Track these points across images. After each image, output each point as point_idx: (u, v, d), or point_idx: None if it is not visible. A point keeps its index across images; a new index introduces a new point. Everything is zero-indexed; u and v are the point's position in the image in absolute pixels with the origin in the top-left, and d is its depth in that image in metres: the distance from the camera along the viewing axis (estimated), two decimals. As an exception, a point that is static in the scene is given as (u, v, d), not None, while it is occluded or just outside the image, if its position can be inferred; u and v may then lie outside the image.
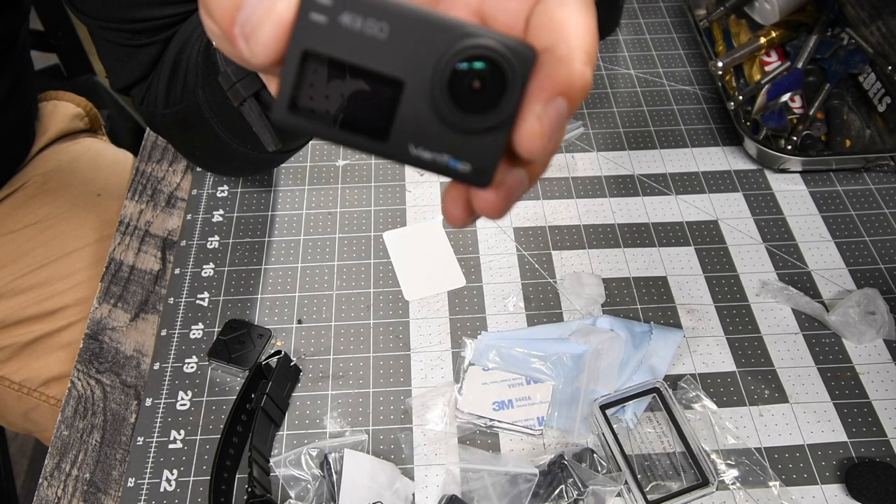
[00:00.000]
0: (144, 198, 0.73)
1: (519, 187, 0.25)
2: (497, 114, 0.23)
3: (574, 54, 0.23)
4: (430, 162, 0.24)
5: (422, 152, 0.24)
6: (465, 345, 0.60)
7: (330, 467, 0.53)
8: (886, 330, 0.60)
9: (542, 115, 0.23)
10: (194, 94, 0.56)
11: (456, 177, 0.24)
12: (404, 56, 0.23)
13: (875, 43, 0.71)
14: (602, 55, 0.85)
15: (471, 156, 0.24)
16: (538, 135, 0.23)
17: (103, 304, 0.65)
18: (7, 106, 0.81)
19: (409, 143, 0.24)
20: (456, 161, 0.24)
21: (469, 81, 0.23)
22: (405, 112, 0.23)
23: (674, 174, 0.73)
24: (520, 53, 0.23)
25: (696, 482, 0.53)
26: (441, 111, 0.23)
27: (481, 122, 0.23)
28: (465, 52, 0.23)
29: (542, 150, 0.23)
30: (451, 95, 0.23)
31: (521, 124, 0.23)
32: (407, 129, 0.24)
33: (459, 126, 0.23)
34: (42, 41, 1.19)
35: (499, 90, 0.23)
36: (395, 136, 0.24)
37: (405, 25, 0.22)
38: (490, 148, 0.24)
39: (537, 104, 0.23)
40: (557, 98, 0.23)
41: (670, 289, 0.64)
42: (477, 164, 0.24)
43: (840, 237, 0.68)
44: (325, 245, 0.68)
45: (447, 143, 0.24)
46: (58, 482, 0.55)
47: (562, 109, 0.23)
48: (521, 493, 0.52)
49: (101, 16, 0.59)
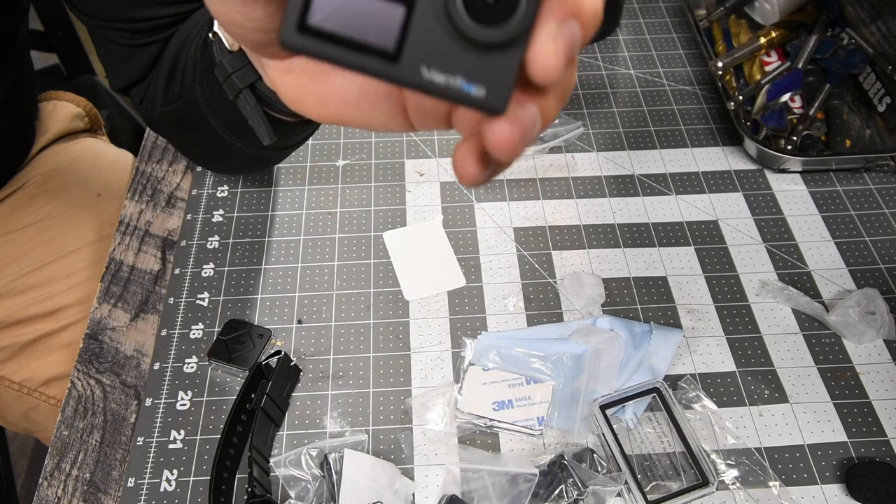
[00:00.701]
0: (144, 198, 0.73)
1: (532, 126, 0.25)
2: (512, 26, 0.23)
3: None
4: (443, 86, 0.23)
5: (435, 75, 0.23)
6: (465, 345, 0.60)
7: (330, 467, 0.53)
8: (886, 330, 0.60)
9: (557, 34, 0.23)
10: (192, 90, 0.56)
11: (469, 102, 0.23)
12: None
13: (875, 43, 0.71)
14: (602, 55, 0.85)
15: (485, 77, 0.23)
16: (552, 53, 0.23)
17: (103, 304, 0.65)
18: (7, 106, 0.81)
19: (421, 65, 0.23)
20: (470, 84, 0.23)
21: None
22: (417, 31, 0.23)
23: (674, 174, 0.73)
24: None
25: (696, 482, 0.53)
26: (455, 24, 0.23)
27: (496, 34, 0.23)
28: None
29: (557, 71, 0.23)
30: (465, 6, 0.22)
31: (535, 43, 0.23)
32: (419, 49, 0.23)
33: (473, 41, 0.23)
34: (42, 41, 1.19)
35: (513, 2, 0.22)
36: (408, 58, 0.23)
37: None
38: (505, 68, 0.23)
39: (551, 22, 0.23)
40: (570, 19, 0.23)
41: (670, 289, 0.64)
42: (491, 86, 0.23)
43: (840, 237, 0.68)
44: (325, 245, 0.68)
45: (461, 63, 0.23)
46: (58, 482, 0.55)
47: (575, 32, 0.23)
48: (521, 493, 0.52)
49: (101, 15, 0.59)
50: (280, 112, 0.50)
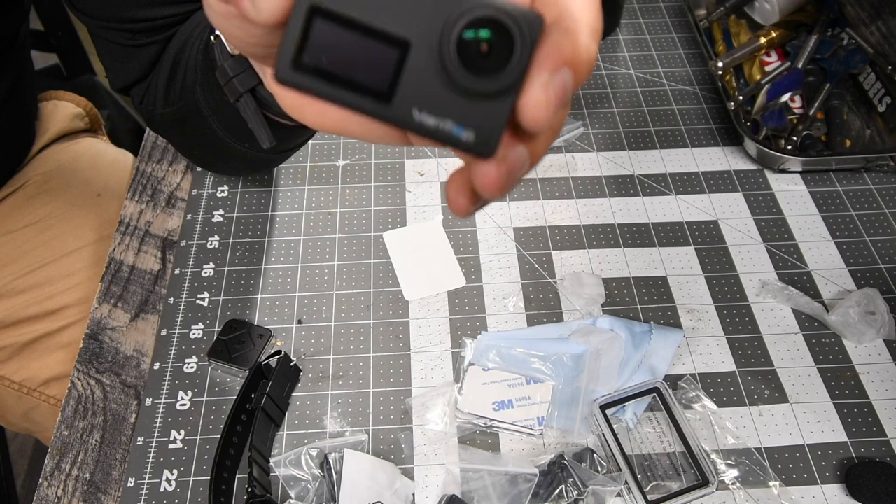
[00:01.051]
0: (144, 198, 0.73)
1: (520, 166, 0.25)
2: (504, 77, 0.23)
3: (580, 27, 0.23)
4: (433, 128, 0.24)
5: (426, 117, 0.23)
6: (465, 345, 0.60)
7: (330, 467, 0.53)
8: (886, 330, 0.60)
9: (549, 84, 0.23)
10: (193, 92, 0.56)
11: (459, 145, 0.24)
12: (413, 16, 0.22)
13: (875, 43, 0.71)
14: (602, 55, 0.85)
15: (475, 123, 0.23)
16: (543, 104, 0.23)
17: (103, 304, 0.65)
18: (7, 106, 0.81)
19: (413, 107, 0.23)
20: (460, 128, 0.23)
21: (477, 44, 0.23)
22: (411, 74, 0.23)
23: (674, 174, 0.73)
24: (528, 18, 0.23)
25: (696, 482, 0.53)
26: (448, 72, 0.23)
27: (488, 84, 0.23)
28: (474, 12, 0.22)
29: (547, 120, 0.23)
30: (458, 58, 0.23)
31: (526, 92, 0.23)
32: (412, 92, 0.23)
33: (465, 89, 0.23)
34: (42, 41, 1.19)
35: (506, 53, 0.23)
36: (400, 99, 0.23)
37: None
38: (495, 115, 0.23)
39: (544, 73, 0.23)
40: (563, 69, 0.23)
41: (670, 289, 0.64)
42: (481, 131, 0.23)
43: (840, 237, 0.68)
44: (325, 245, 0.68)
45: (452, 108, 0.23)
46: (58, 482, 0.55)
47: (567, 81, 0.23)
48: (521, 493, 0.52)
49: (101, 16, 0.59)
50: (280, 116, 0.50)
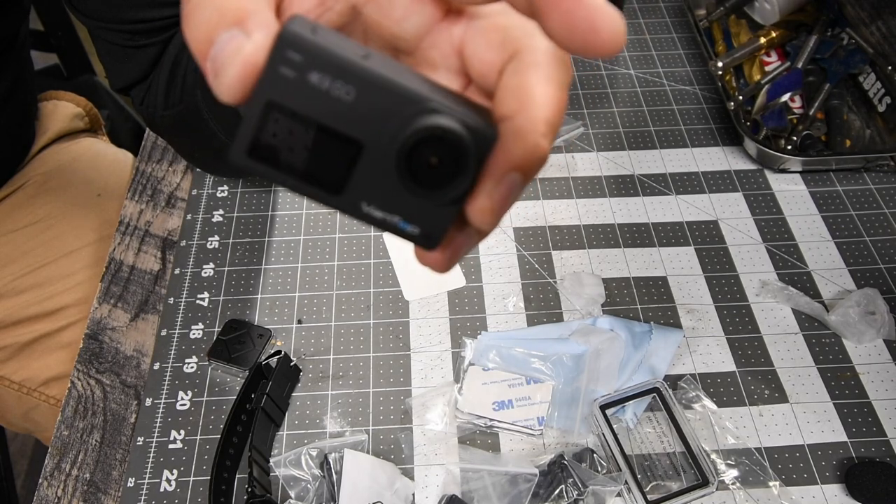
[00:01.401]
0: (144, 198, 0.73)
1: (467, 245, 0.26)
2: (450, 191, 0.23)
3: (535, 126, 0.23)
4: (380, 220, 0.24)
5: (373, 210, 0.24)
6: (465, 345, 0.60)
7: (330, 467, 0.53)
8: (886, 330, 0.60)
9: (494, 191, 0.23)
10: (193, 95, 0.56)
11: (404, 237, 0.25)
12: (367, 120, 0.23)
13: (875, 43, 0.71)
14: (602, 55, 0.85)
15: (421, 220, 0.24)
16: (489, 210, 0.23)
17: (103, 304, 0.65)
18: (7, 106, 0.81)
19: (362, 201, 0.24)
20: (405, 223, 0.24)
21: (426, 157, 0.23)
22: (361, 172, 0.24)
23: (674, 174, 0.73)
24: (480, 135, 0.23)
25: (696, 482, 0.53)
26: (396, 180, 0.24)
27: (435, 197, 0.24)
28: (425, 129, 0.23)
29: (493, 223, 0.24)
30: (407, 168, 0.23)
31: (473, 201, 0.23)
32: (361, 188, 0.24)
33: (413, 195, 0.24)
34: (42, 41, 1.19)
35: (454, 170, 0.23)
36: (350, 193, 0.24)
37: (372, 92, 0.23)
38: (441, 218, 0.24)
39: (490, 181, 0.23)
40: (511, 173, 0.23)
41: (670, 289, 0.64)
42: (426, 229, 0.24)
43: (840, 237, 0.68)
44: (325, 245, 0.68)
45: (399, 206, 0.24)
46: (58, 482, 0.55)
47: (515, 183, 0.23)
48: (521, 493, 0.52)
49: (101, 16, 0.59)
50: None
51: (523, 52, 0.24)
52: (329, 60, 0.22)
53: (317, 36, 0.22)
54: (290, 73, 0.22)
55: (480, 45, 0.25)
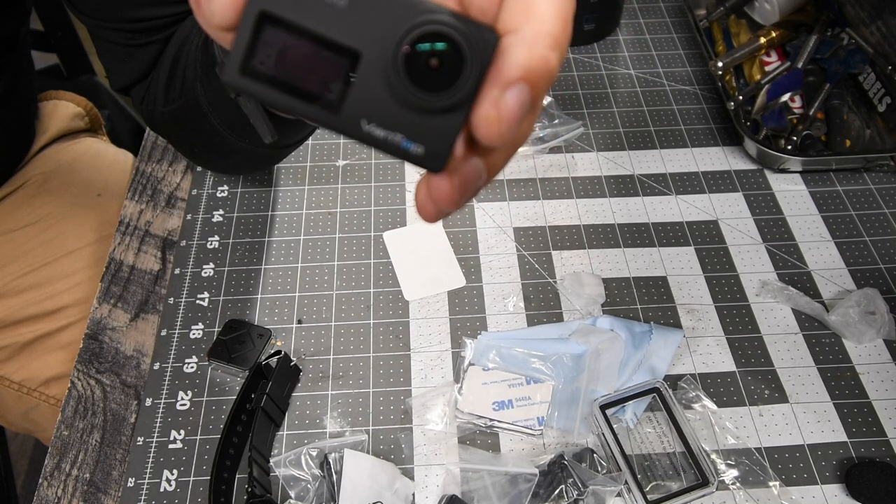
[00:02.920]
0: (144, 198, 0.73)
1: (476, 179, 0.25)
2: (452, 94, 0.22)
3: (539, 38, 0.22)
4: (381, 140, 0.23)
5: (374, 129, 0.23)
6: (465, 345, 0.60)
7: (330, 467, 0.53)
8: (886, 330, 0.60)
9: (500, 99, 0.22)
10: (193, 89, 0.56)
11: (408, 158, 0.23)
12: (363, 27, 0.22)
13: (875, 43, 0.71)
14: (602, 55, 0.85)
15: (425, 137, 0.23)
16: (495, 120, 0.22)
17: (103, 304, 0.65)
18: (7, 105, 0.81)
19: (361, 118, 0.23)
20: (409, 142, 0.23)
21: (426, 59, 0.22)
22: (360, 85, 0.23)
23: (674, 174, 0.73)
24: (480, 34, 0.22)
25: (696, 482, 0.53)
26: (396, 87, 0.22)
27: (436, 100, 0.22)
28: (423, 27, 0.22)
29: (500, 136, 0.23)
30: (407, 71, 0.22)
31: (477, 109, 0.23)
32: (360, 103, 0.23)
33: (414, 104, 0.23)
34: (42, 41, 1.19)
35: (456, 70, 0.22)
36: (348, 110, 0.23)
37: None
38: (445, 130, 0.23)
39: (495, 88, 0.22)
40: (518, 83, 0.22)
41: (670, 289, 0.64)
42: (430, 146, 0.23)
43: (840, 237, 0.68)
44: (325, 245, 0.68)
45: (401, 121, 0.23)
46: (58, 482, 0.55)
47: (523, 95, 0.22)
48: (521, 493, 0.52)
49: (101, 15, 0.59)
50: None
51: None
52: None
53: None
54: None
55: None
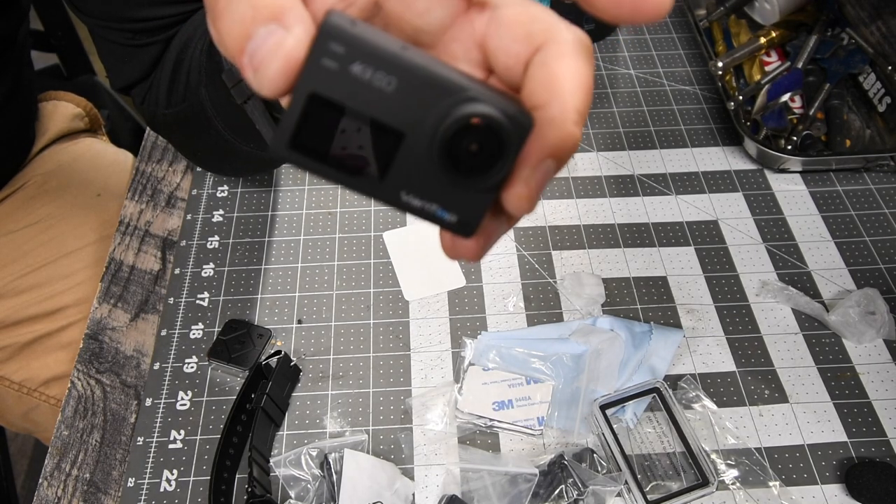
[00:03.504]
0: (144, 198, 0.73)
1: (497, 233, 0.27)
2: (489, 178, 0.24)
3: (566, 115, 0.23)
4: (418, 208, 0.25)
5: (412, 199, 0.25)
6: (465, 345, 0.60)
7: (330, 467, 0.53)
8: (886, 330, 0.60)
9: (531, 178, 0.24)
10: (197, 93, 0.56)
11: (441, 225, 0.25)
12: (408, 110, 0.23)
13: (875, 43, 0.71)
14: (602, 55, 0.85)
15: (459, 208, 0.25)
16: (525, 197, 0.24)
17: (103, 304, 0.65)
18: (7, 106, 0.81)
19: (401, 191, 0.25)
20: (444, 211, 0.25)
21: (466, 144, 0.24)
22: (401, 161, 0.24)
23: (674, 174, 0.73)
24: (517, 121, 0.23)
25: (696, 482, 0.53)
26: (436, 168, 0.24)
27: (473, 183, 0.24)
28: (465, 118, 0.23)
29: (528, 209, 0.25)
30: (447, 156, 0.24)
31: (510, 188, 0.24)
32: (401, 177, 0.24)
33: (452, 183, 0.24)
34: (42, 41, 1.19)
35: (494, 156, 0.24)
36: (389, 182, 0.25)
37: (413, 81, 0.23)
38: (478, 205, 0.25)
39: (527, 169, 0.24)
40: (546, 160, 0.24)
41: (670, 289, 0.64)
42: (463, 216, 0.25)
43: (840, 237, 0.68)
44: (325, 245, 0.68)
45: (438, 194, 0.25)
46: (58, 482, 0.55)
47: (550, 170, 0.24)
48: (521, 493, 0.52)
49: (102, 15, 0.59)
50: None
51: (549, 44, 0.24)
52: (371, 51, 0.23)
53: (356, 28, 0.23)
54: (332, 65, 0.23)
55: (505, 38, 0.25)
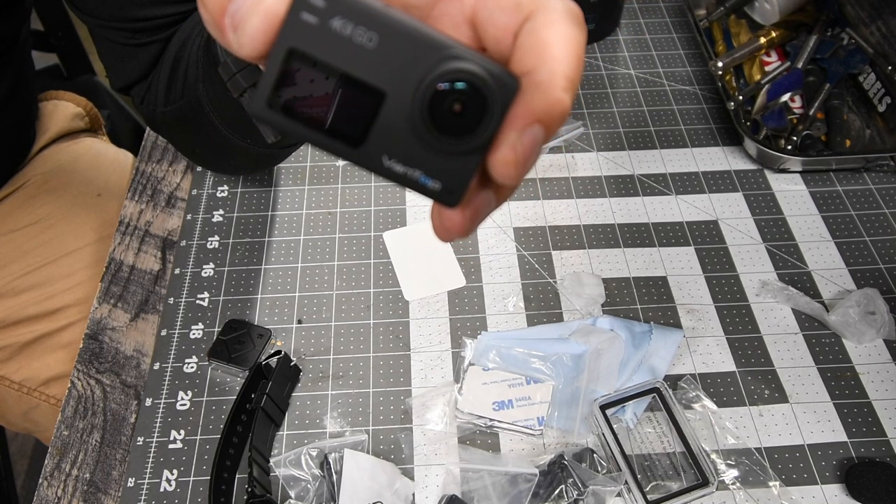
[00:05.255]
0: (144, 198, 0.73)
1: (486, 208, 0.26)
2: (473, 139, 0.23)
3: (554, 80, 0.23)
4: (400, 175, 0.24)
5: (394, 164, 0.24)
6: (465, 345, 0.60)
7: (330, 467, 0.53)
8: (886, 330, 0.60)
9: (517, 142, 0.23)
10: (195, 89, 0.56)
11: (425, 193, 0.24)
12: (390, 68, 0.23)
13: (875, 43, 0.71)
14: (602, 55, 0.85)
15: (442, 175, 0.24)
16: (512, 162, 0.23)
17: (103, 304, 0.65)
18: (7, 106, 0.81)
19: (382, 154, 0.24)
20: (427, 178, 0.24)
21: (450, 103, 0.23)
22: (383, 123, 0.23)
23: (674, 174, 0.73)
24: (502, 81, 0.23)
25: (696, 482, 0.53)
26: (419, 129, 0.23)
27: (457, 145, 0.23)
28: (449, 74, 0.23)
29: (516, 176, 0.24)
30: (430, 115, 0.23)
31: (495, 151, 0.23)
32: (382, 140, 0.23)
33: (435, 145, 0.23)
34: (42, 41, 1.19)
35: (478, 115, 0.23)
36: (370, 146, 0.24)
37: (394, 38, 0.22)
38: (462, 170, 0.24)
39: (513, 132, 0.23)
40: (534, 125, 0.23)
41: (670, 289, 0.64)
42: (447, 183, 0.24)
43: (840, 237, 0.68)
44: (325, 245, 0.68)
45: (421, 159, 0.24)
46: (58, 482, 0.55)
47: (537, 136, 0.23)
48: (521, 493, 0.52)
49: (102, 15, 0.59)
50: None
51: (538, 12, 0.24)
52: (352, 5, 0.22)
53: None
54: (311, 20, 0.22)
55: (494, 9, 0.25)
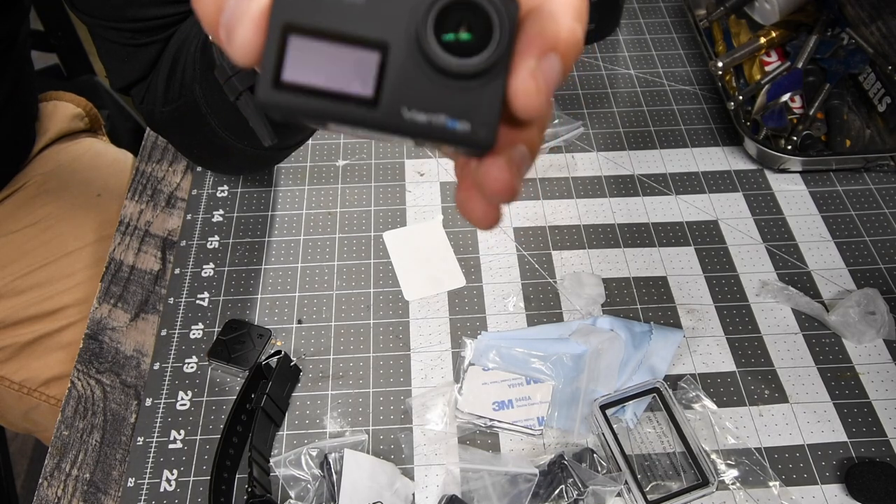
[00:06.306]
0: (144, 198, 0.73)
1: (524, 164, 0.25)
2: (488, 54, 0.22)
3: (565, 9, 0.23)
4: (426, 126, 0.23)
5: (416, 115, 0.23)
6: (465, 345, 0.60)
7: (330, 467, 0.53)
8: (886, 330, 0.60)
9: (536, 70, 0.23)
10: (192, 90, 0.56)
11: (455, 139, 0.23)
12: (385, 16, 0.22)
13: (875, 43, 0.71)
14: (602, 55, 0.85)
15: (469, 112, 0.23)
16: (533, 91, 0.23)
17: (103, 304, 0.65)
18: (7, 106, 0.81)
19: (402, 107, 0.23)
20: (454, 121, 0.23)
21: (456, 25, 0.22)
22: (394, 74, 0.23)
23: (674, 174, 0.73)
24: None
25: (696, 482, 0.53)
26: (431, 60, 0.22)
27: (473, 63, 0.22)
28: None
29: (539, 107, 0.23)
30: (438, 47, 0.22)
31: (515, 80, 0.23)
32: (398, 92, 0.23)
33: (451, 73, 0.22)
34: (42, 41, 1.19)
35: (486, 33, 0.22)
36: (387, 102, 0.23)
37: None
38: (488, 100, 0.23)
39: (530, 59, 0.23)
40: (549, 54, 0.23)
41: (670, 289, 0.64)
42: (476, 119, 0.23)
43: (840, 237, 0.68)
44: (325, 245, 0.68)
45: (442, 100, 0.23)
46: (58, 482, 0.55)
47: (555, 66, 0.23)
48: (521, 493, 0.52)
49: (102, 15, 0.59)
50: None
51: None
52: None
53: None
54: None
55: None
